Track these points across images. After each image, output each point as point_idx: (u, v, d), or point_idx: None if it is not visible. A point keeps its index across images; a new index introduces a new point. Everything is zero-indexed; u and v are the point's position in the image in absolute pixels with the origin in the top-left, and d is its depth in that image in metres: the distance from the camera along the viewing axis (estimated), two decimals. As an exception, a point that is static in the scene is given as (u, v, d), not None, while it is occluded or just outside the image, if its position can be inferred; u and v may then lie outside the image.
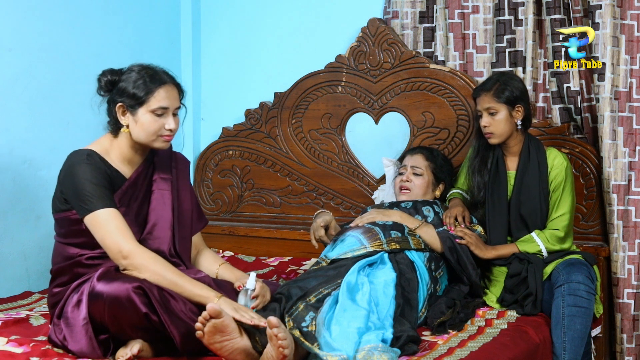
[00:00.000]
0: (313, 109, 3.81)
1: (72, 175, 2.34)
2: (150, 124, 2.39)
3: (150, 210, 2.49)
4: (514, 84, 2.97)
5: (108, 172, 2.38)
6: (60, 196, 2.38)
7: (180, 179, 2.60)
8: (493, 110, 2.95)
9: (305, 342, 2.19)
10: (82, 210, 2.32)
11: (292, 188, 3.88)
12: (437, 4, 3.54)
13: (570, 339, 2.66)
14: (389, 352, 2.19)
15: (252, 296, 2.40)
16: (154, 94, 2.38)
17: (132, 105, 2.39)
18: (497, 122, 2.95)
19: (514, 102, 2.95)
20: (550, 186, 2.98)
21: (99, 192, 2.31)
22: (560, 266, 2.81)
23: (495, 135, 2.97)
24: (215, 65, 4.14)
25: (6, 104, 3.21)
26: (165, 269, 2.30)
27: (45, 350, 2.29)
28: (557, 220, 2.95)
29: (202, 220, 2.70)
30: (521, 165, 3.00)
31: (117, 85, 2.41)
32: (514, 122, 2.97)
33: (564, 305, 2.69)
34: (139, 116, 2.39)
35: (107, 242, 2.30)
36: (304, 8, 3.92)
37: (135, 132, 2.41)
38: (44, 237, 3.26)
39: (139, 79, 2.39)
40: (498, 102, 2.94)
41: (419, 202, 3.15)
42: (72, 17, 3.49)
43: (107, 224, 2.30)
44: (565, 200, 2.96)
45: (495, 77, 3.04)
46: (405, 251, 2.80)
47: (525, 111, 2.97)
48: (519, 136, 3.02)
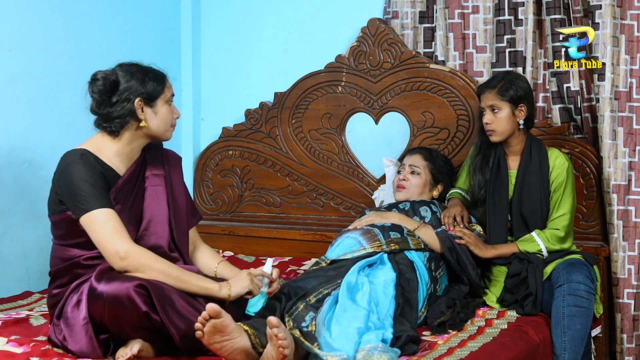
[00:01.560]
0: (313, 109, 3.81)
1: (67, 175, 2.33)
2: (168, 114, 2.48)
3: (145, 207, 2.50)
4: (519, 84, 2.98)
5: (102, 170, 2.38)
6: (55, 197, 2.38)
7: (173, 174, 2.61)
8: (496, 108, 2.96)
9: (305, 342, 2.20)
10: (78, 210, 2.31)
11: (292, 188, 3.88)
12: (437, 4, 3.54)
13: (570, 338, 2.66)
14: (389, 352, 2.19)
15: (269, 282, 2.47)
16: (166, 83, 2.48)
17: (151, 98, 2.43)
18: (499, 119, 2.96)
19: (518, 101, 2.95)
20: (551, 186, 2.98)
21: (94, 192, 2.31)
22: (560, 266, 2.81)
23: (497, 133, 2.98)
24: (215, 65, 4.14)
25: (6, 104, 3.21)
26: (169, 266, 2.31)
27: (45, 350, 2.29)
28: (558, 220, 2.95)
29: (196, 216, 2.72)
30: (523, 165, 3.00)
31: (121, 86, 2.41)
32: (516, 121, 2.97)
33: (564, 305, 2.69)
34: (158, 108, 2.45)
35: (104, 243, 2.29)
36: (304, 8, 3.92)
37: (154, 124, 2.45)
38: (44, 237, 3.26)
39: (147, 73, 2.44)
40: (501, 99, 2.95)
41: (417, 203, 3.15)
42: (72, 17, 3.49)
43: (103, 224, 2.29)
44: (566, 200, 2.96)
45: (500, 75, 3.05)
46: (405, 251, 2.81)
47: (528, 111, 2.97)
48: (520, 136, 3.02)
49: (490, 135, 3.00)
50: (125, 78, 2.41)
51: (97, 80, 2.41)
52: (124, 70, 2.43)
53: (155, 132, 2.47)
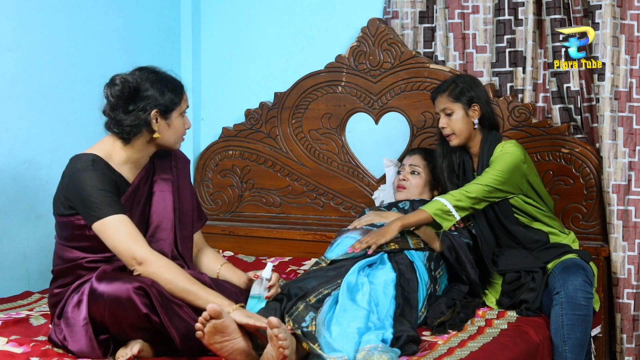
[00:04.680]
0: (313, 109, 3.81)
1: (78, 182, 2.31)
2: (181, 126, 2.47)
3: (152, 213, 2.49)
4: (469, 84, 2.98)
5: (113, 177, 2.37)
6: (64, 201, 2.36)
7: (181, 178, 2.60)
8: (449, 111, 2.96)
9: (309, 343, 2.19)
10: (91, 218, 2.30)
11: (292, 188, 3.88)
12: (437, 4, 3.54)
13: (571, 347, 2.66)
14: (389, 352, 2.19)
15: (268, 286, 2.44)
16: (183, 96, 2.46)
17: (167, 111, 2.41)
18: (454, 121, 2.96)
19: (470, 101, 2.95)
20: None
21: (107, 199, 2.29)
22: (557, 270, 2.79)
23: (454, 136, 2.97)
24: (215, 65, 4.14)
25: (6, 104, 3.21)
26: (178, 278, 2.27)
27: (45, 350, 2.29)
28: (472, 184, 2.86)
29: (202, 219, 2.71)
30: (479, 166, 2.98)
31: (140, 94, 2.37)
32: (471, 121, 2.97)
33: (562, 313, 2.68)
34: (173, 120, 2.43)
35: (120, 249, 2.28)
36: (304, 8, 3.92)
37: (167, 136, 2.43)
38: (44, 237, 3.26)
39: (167, 84, 2.42)
40: (453, 102, 2.95)
41: (416, 202, 3.15)
42: (72, 17, 3.49)
43: (118, 230, 2.28)
44: (488, 172, 2.86)
45: (452, 79, 3.06)
46: (405, 251, 2.81)
47: (482, 110, 2.96)
48: (478, 136, 3.00)
49: (449, 140, 2.99)
50: (145, 86, 2.37)
51: (116, 84, 2.36)
52: (144, 79, 2.39)
53: (166, 143, 2.46)
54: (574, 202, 3.29)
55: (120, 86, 2.35)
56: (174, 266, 2.31)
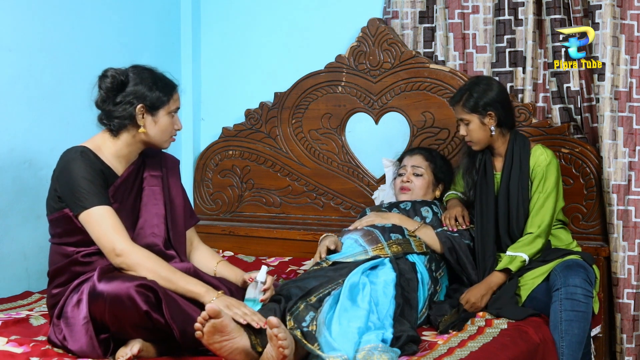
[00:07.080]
0: (313, 109, 3.81)
1: (67, 172, 2.35)
2: (168, 125, 2.48)
3: (142, 206, 2.52)
4: (483, 91, 2.94)
5: (102, 168, 2.40)
6: (54, 195, 2.40)
7: (171, 176, 2.63)
8: (466, 121, 2.96)
9: (307, 343, 2.19)
10: (77, 207, 2.33)
11: (292, 188, 3.88)
12: (437, 4, 3.54)
13: (568, 343, 2.66)
14: (389, 352, 2.19)
15: (262, 289, 2.45)
16: (173, 95, 2.48)
17: (154, 107, 2.43)
18: (471, 131, 2.96)
19: (484, 109, 2.93)
20: (532, 186, 2.94)
21: (93, 189, 2.33)
22: (558, 268, 2.79)
23: (474, 143, 2.99)
24: (215, 65, 4.14)
25: (6, 104, 3.21)
26: (159, 266, 2.32)
27: (45, 350, 2.29)
28: (533, 221, 2.89)
29: (194, 218, 2.74)
30: (506, 167, 2.98)
31: (128, 88, 2.42)
32: (488, 128, 2.96)
33: (561, 309, 2.68)
34: (159, 117, 2.46)
35: (102, 240, 2.32)
36: (304, 8, 3.92)
37: (152, 132, 2.46)
38: (44, 237, 3.22)
39: (157, 81, 2.45)
40: (468, 112, 2.95)
41: (418, 203, 3.15)
42: (72, 17, 3.49)
43: (102, 221, 2.32)
44: (546, 201, 2.90)
45: (465, 86, 3.03)
46: (407, 255, 2.80)
47: (498, 115, 2.94)
48: (501, 138, 2.99)
49: (471, 146, 3.01)
50: (134, 81, 2.43)
51: (107, 77, 2.43)
52: (135, 73, 2.45)
53: (153, 140, 2.48)
54: (574, 202, 3.29)
55: (110, 78, 2.42)
56: (154, 256, 2.34)
